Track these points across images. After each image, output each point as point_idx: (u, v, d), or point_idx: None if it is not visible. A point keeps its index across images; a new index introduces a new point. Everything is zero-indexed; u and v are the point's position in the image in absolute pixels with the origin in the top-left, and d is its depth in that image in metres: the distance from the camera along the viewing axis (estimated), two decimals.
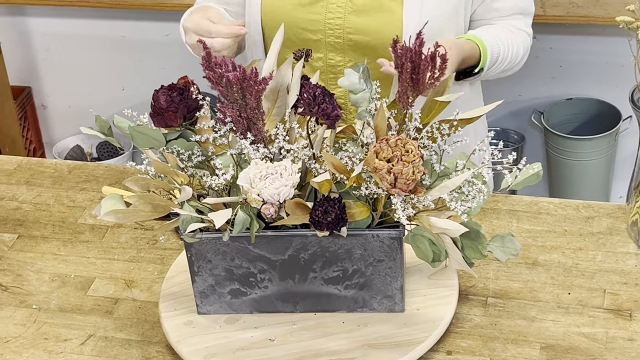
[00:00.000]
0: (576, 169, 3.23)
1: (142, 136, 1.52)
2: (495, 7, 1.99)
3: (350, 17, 1.91)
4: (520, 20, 2.02)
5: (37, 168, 2.13)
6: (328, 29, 1.92)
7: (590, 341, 1.59)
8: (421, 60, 1.47)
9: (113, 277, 1.80)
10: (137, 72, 3.61)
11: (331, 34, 1.92)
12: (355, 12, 1.90)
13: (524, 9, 2.02)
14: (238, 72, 1.46)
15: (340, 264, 1.57)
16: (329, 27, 1.92)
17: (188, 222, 1.51)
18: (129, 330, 1.68)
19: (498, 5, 1.99)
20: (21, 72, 3.73)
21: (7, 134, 3.56)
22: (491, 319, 1.64)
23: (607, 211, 1.86)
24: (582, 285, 1.70)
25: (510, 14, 2.00)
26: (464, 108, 1.56)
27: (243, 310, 1.63)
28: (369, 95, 1.54)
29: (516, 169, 1.55)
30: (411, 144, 1.44)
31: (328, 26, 1.92)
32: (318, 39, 1.93)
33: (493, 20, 2.01)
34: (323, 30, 1.92)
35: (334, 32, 1.92)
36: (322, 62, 1.95)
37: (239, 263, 1.58)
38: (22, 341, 1.67)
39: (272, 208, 1.48)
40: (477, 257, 1.53)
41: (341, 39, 1.92)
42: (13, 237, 1.93)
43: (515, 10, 2.00)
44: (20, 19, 3.61)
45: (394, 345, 1.56)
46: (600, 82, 3.27)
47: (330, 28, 1.92)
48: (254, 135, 1.51)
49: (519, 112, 3.38)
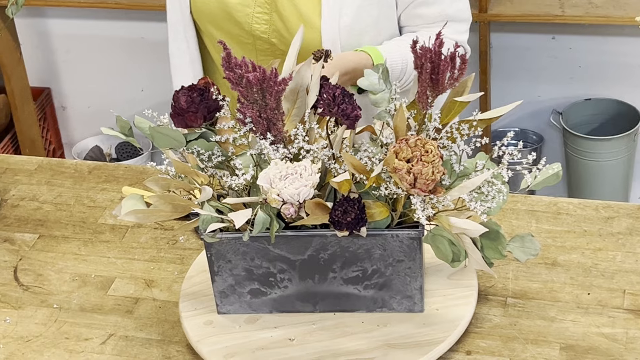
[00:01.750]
0: (595, 169, 3.22)
1: (162, 136, 1.53)
2: (419, 13, 1.95)
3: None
4: (449, 27, 1.92)
5: (58, 168, 2.14)
6: (254, 23, 1.96)
7: (610, 341, 1.59)
8: (441, 60, 1.47)
9: (133, 276, 1.81)
10: (156, 73, 3.62)
11: (257, 29, 1.96)
12: None
13: (454, 15, 1.96)
14: (258, 73, 1.47)
15: (359, 264, 1.57)
16: (255, 21, 1.96)
17: (208, 222, 1.52)
18: (149, 329, 1.69)
19: (421, 12, 1.95)
20: (41, 73, 3.75)
21: (27, 135, 3.58)
22: (511, 319, 1.64)
23: (627, 211, 1.86)
24: (602, 285, 1.70)
25: (436, 21, 1.95)
26: None
27: (263, 310, 1.64)
28: (389, 95, 1.54)
29: (536, 169, 1.55)
30: (431, 144, 1.44)
31: (255, 20, 1.96)
32: (245, 31, 1.97)
33: (419, 27, 1.97)
34: (249, 23, 1.96)
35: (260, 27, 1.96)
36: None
37: (259, 263, 1.58)
38: (43, 340, 1.68)
39: (292, 208, 1.48)
40: (496, 257, 1.53)
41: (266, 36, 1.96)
42: (34, 237, 1.94)
43: (442, 18, 1.94)
44: (40, 21, 3.63)
45: (414, 345, 1.56)
46: (619, 82, 3.26)
47: (256, 22, 1.96)
48: (274, 135, 1.51)
49: (538, 113, 3.37)
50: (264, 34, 1.96)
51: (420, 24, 1.97)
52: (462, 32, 1.99)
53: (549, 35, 3.24)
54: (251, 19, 1.95)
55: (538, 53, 3.28)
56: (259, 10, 1.95)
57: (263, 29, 1.95)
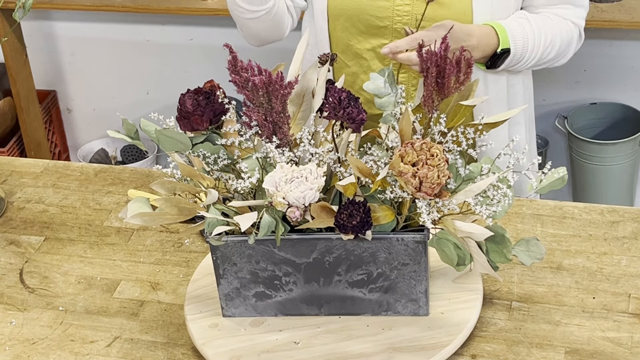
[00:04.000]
0: (600, 173, 3.22)
1: (168, 139, 1.53)
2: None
3: (419, 4, 1.90)
4: (569, 10, 1.97)
5: (64, 171, 2.15)
6: (396, 16, 1.92)
7: (615, 346, 1.59)
8: (446, 64, 1.47)
9: (139, 279, 1.81)
10: (162, 76, 3.62)
11: (399, 21, 1.92)
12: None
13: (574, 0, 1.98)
14: (264, 76, 1.47)
15: (364, 267, 1.57)
16: (397, 14, 1.92)
17: (214, 225, 1.52)
18: (154, 332, 1.69)
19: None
20: (46, 76, 3.75)
21: (33, 138, 3.58)
22: (516, 323, 1.64)
23: (632, 215, 1.86)
24: (607, 289, 1.70)
25: (558, 2, 1.96)
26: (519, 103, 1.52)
27: (268, 313, 1.64)
28: (394, 99, 1.54)
29: (541, 173, 1.55)
30: (436, 147, 1.44)
31: (396, 12, 1.92)
32: (385, 26, 1.93)
33: (540, 7, 1.97)
34: (391, 17, 1.92)
35: (402, 18, 1.92)
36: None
37: (264, 266, 1.59)
38: (49, 342, 1.69)
39: (297, 211, 1.49)
40: (502, 261, 1.53)
41: (409, 25, 1.90)
42: (40, 240, 1.94)
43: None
44: (46, 23, 3.64)
45: (419, 349, 1.56)
46: (625, 86, 3.26)
47: (398, 15, 1.92)
48: (280, 138, 1.52)
49: (543, 117, 3.37)
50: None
51: (543, 3, 1.97)
52: (581, 18, 2.00)
53: None
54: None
55: None
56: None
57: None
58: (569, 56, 2.02)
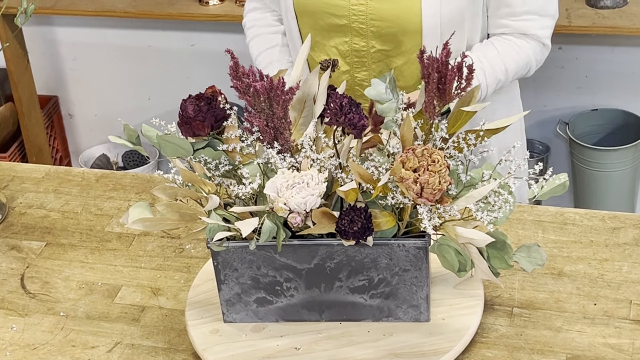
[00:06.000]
0: (601, 179, 3.22)
1: (170, 145, 1.53)
2: (507, 2, 1.97)
3: (371, 4, 1.97)
4: (535, 21, 1.98)
5: (65, 176, 2.15)
6: (352, 15, 1.98)
7: (617, 352, 1.59)
8: (448, 70, 1.47)
9: (140, 285, 1.81)
10: (163, 81, 3.63)
11: (355, 20, 1.98)
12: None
13: (540, 9, 1.97)
14: (265, 82, 1.47)
15: (366, 273, 1.57)
16: (353, 13, 1.98)
17: (215, 231, 1.52)
18: (155, 338, 1.69)
19: (510, 1, 1.97)
20: (48, 82, 3.76)
21: (34, 143, 3.58)
22: (517, 329, 1.64)
23: (634, 222, 1.86)
24: (608, 296, 1.70)
25: (523, 12, 1.97)
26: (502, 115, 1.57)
27: (269, 319, 1.64)
28: (396, 105, 1.55)
29: (542, 180, 1.55)
30: (437, 153, 1.44)
31: (352, 12, 1.98)
32: (344, 24, 2.00)
33: (505, 18, 1.99)
34: (348, 15, 1.98)
35: (357, 17, 1.98)
36: (347, 46, 2.02)
37: (265, 272, 1.59)
38: (50, 348, 1.69)
39: (298, 217, 1.49)
40: (503, 267, 1.53)
41: (365, 25, 1.98)
42: (41, 245, 1.94)
43: (528, 7, 1.96)
44: (48, 29, 3.64)
45: (420, 355, 1.56)
46: (626, 92, 3.26)
47: (354, 14, 1.98)
48: (281, 144, 1.52)
49: (544, 123, 3.38)
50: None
51: (507, 14, 1.99)
52: (547, 27, 2.01)
53: (556, 46, 3.24)
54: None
55: (544, 63, 3.26)
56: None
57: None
58: (531, 72, 2.07)
